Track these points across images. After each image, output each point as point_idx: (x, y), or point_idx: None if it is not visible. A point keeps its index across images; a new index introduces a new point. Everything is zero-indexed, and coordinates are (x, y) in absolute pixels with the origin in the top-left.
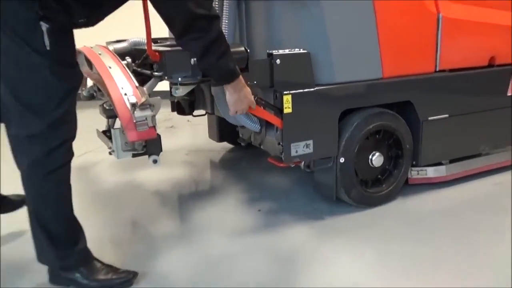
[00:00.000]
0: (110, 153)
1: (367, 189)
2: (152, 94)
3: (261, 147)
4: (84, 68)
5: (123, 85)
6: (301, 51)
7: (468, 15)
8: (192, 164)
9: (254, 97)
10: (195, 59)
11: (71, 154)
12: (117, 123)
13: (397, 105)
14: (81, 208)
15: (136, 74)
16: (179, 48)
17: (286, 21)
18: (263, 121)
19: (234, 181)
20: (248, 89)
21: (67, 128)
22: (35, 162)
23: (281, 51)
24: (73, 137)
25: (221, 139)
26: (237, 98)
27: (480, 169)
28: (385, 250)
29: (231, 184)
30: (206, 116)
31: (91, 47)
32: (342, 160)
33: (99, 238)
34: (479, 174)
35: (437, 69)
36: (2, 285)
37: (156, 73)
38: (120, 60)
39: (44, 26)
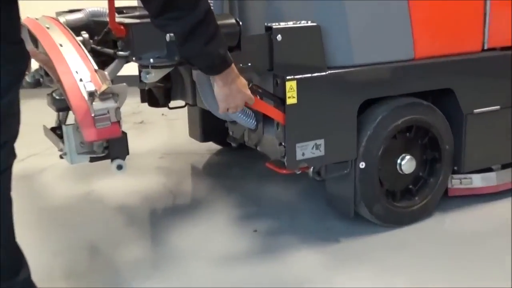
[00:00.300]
0: (61, 157)
1: (394, 203)
2: (116, 80)
3: (258, 148)
4: (28, 46)
5: (78, 69)
6: (309, 23)
7: None
8: (168, 171)
9: (249, 84)
10: (172, 34)
11: (13, 157)
12: (71, 118)
13: (434, 94)
14: (24, 229)
15: (95, 54)
16: None
17: None
18: (260, 115)
19: (222, 193)
20: (243, 81)
21: (10, 124)
22: None
23: (283, 24)
24: (15, 135)
25: (205, 138)
26: (228, 92)
27: None
28: (418, 281)
29: (219, 196)
30: (186, 108)
31: (37, 19)
32: (362, 165)
33: (48, 267)
34: None
35: (485, 48)
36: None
37: (121, 53)
38: (74, 36)
39: None
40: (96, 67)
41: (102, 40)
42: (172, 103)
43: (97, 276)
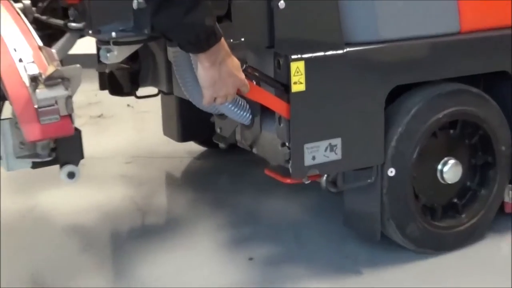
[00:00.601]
0: None
1: (434, 222)
2: (66, 60)
3: (254, 151)
4: None
5: (16, 45)
6: None
7: None
8: (136, 180)
9: (242, 66)
10: (141, 0)
11: None
12: (7, 110)
13: (486, 79)
14: None
15: (39, 25)
16: None
17: None
18: (256, 107)
19: (207, 210)
20: (235, 62)
21: None
22: None
23: None
24: None
25: (185, 137)
26: (215, 76)
27: None
28: None
29: (203, 214)
30: (159, 97)
31: None
32: (391, 172)
33: None
34: None
35: None
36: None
37: (73, 25)
38: (12, 3)
39: None
40: (40, 43)
41: (49, 7)
42: (141, 91)
43: None
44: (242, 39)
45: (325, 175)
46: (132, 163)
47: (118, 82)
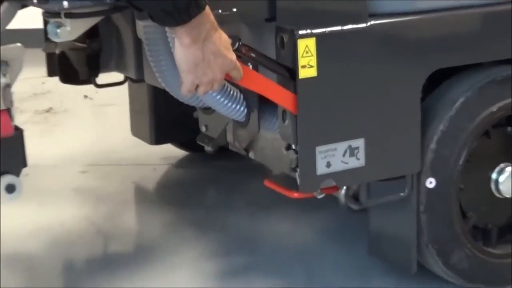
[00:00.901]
0: None
1: (487, 248)
2: (4, 37)
3: (250, 155)
4: None
5: None
6: None
7: None
8: (95, 194)
9: (234, 45)
10: None
11: None
12: None
13: None
14: None
15: None
16: None
17: None
18: (252, 98)
19: (190, 234)
20: (224, 38)
21: None
22: None
23: None
24: None
25: (159, 138)
26: (198, 57)
27: None
28: None
29: (185, 240)
30: (125, 86)
31: None
32: (431, 183)
33: None
34: None
35: None
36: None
37: None
38: None
39: None
40: None
41: None
42: (102, 78)
43: None
44: (234, 9)
45: (344, 188)
46: (90, 173)
47: (72, 67)
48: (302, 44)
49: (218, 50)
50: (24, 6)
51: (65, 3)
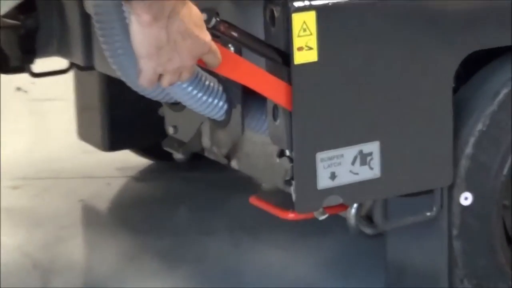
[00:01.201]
0: None
1: None
2: None
3: (232, 164)
4: None
5: None
6: None
7: None
8: (30, 217)
9: (209, 21)
10: None
11: None
12: None
13: None
14: None
15: None
16: None
17: None
18: (235, 90)
19: (155, 268)
20: (196, 13)
21: None
22: None
23: None
24: None
25: (114, 142)
26: (161, 37)
27: None
28: None
29: (148, 275)
30: (70, 75)
31: None
32: (466, 199)
33: None
34: None
35: None
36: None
37: None
38: None
39: None
40: None
41: None
42: (40, 65)
43: None
44: None
45: (354, 206)
46: (24, 188)
47: (0, 50)
48: (298, 19)
49: (187, 29)
50: None
51: None
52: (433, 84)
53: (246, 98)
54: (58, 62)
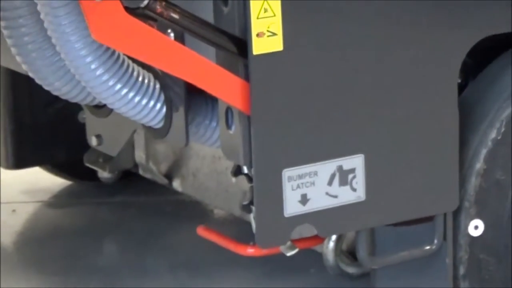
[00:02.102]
0: None
1: None
2: None
3: (173, 184)
4: None
5: None
6: None
7: None
8: None
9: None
10: None
11: None
12: None
13: None
14: None
15: None
16: None
17: None
18: (177, 89)
19: None
20: None
21: None
22: None
23: None
24: None
25: (21, 158)
26: None
27: None
28: None
29: None
30: None
31: None
32: (476, 229)
33: None
34: None
35: None
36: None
37: None
38: None
39: None
40: None
41: None
42: None
43: None
44: None
45: (332, 238)
46: None
47: None
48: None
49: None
50: None
51: None
52: (433, 80)
53: (191, 99)
54: None
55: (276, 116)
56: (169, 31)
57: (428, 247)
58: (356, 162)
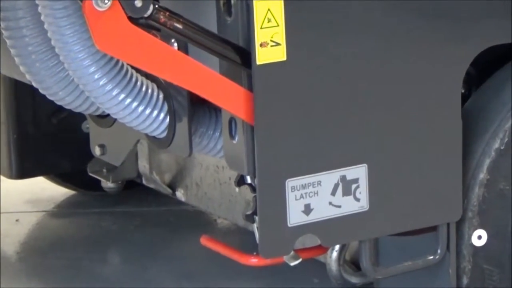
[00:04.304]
0: None
1: None
2: None
3: (177, 194)
4: None
5: None
6: None
7: None
8: None
9: (146, 10)
10: None
11: None
12: None
13: None
14: None
15: None
16: None
17: None
18: (180, 99)
19: None
20: None
21: None
22: None
23: None
24: None
25: (24, 167)
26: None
27: None
28: None
29: None
30: None
31: None
32: (479, 239)
33: None
34: None
35: None
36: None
37: None
38: None
39: None
40: None
41: None
42: None
43: None
44: None
45: (336, 248)
46: None
47: None
48: (261, 7)
49: None
50: None
51: None
52: (437, 91)
53: (194, 109)
54: None
55: (279, 126)
56: (172, 41)
57: (431, 257)
58: (359, 172)
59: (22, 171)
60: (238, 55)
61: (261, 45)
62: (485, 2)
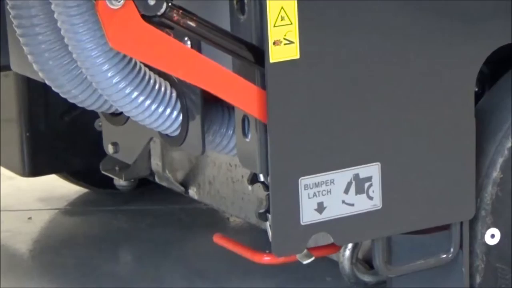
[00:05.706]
0: None
1: None
2: None
3: (189, 192)
4: None
5: None
6: None
7: None
8: None
9: (159, 9)
10: None
11: None
12: None
13: None
14: None
15: None
16: None
17: None
18: (193, 97)
19: None
20: None
21: None
22: None
23: None
24: None
25: (37, 165)
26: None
27: None
28: None
29: None
30: None
31: None
32: (492, 237)
33: None
34: None
35: None
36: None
37: None
38: None
39: None
40: None
41: None
42: None
43: None
44: None
45: (348, 247)
46: None
47: None
48: (274, 5)
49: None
50: None
51: None
52: (450, 89)
53: (207, 107)
54: None
55: (292, 124)
56: (185, 39)
57: (444, 256)
58: (372, 170)
59: (35, 169)
60: (251, 53)
61: (274, 43)
62: (497, 1)
